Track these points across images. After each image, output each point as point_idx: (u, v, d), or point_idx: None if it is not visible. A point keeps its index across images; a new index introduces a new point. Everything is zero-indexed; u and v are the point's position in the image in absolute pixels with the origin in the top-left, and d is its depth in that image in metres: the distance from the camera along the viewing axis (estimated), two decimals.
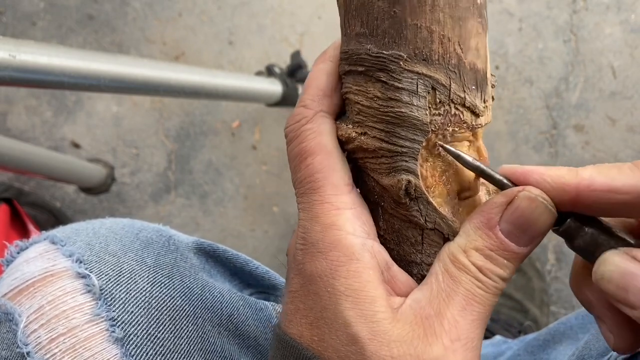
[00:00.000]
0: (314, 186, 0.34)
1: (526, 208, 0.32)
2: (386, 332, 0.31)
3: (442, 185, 0.35)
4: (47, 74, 0.61)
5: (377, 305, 0.32)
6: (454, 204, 0.36)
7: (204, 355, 0.47)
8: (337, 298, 0.32)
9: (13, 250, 0.48)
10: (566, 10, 1.32)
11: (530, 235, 0.33)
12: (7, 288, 0.45)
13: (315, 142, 0.35)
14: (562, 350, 0.65)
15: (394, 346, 0.31)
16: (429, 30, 0.32)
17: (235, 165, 1.37)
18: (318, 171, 0.34)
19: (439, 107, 0.34)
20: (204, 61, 1.39)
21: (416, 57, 0.33)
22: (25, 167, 1.05)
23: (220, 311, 0.50)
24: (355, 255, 0.33)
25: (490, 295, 0.33)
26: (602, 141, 1.30)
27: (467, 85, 0.34)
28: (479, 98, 0.34)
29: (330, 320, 0.32)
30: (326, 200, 0.33)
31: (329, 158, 0.34)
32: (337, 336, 0.32)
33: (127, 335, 0.44)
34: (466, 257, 0.33)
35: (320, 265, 0.33)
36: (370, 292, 0.32)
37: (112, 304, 0.44)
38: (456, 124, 0.34)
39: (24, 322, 0.42)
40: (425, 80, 0.33)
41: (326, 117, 0.36)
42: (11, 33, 1.40)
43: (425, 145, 0.34)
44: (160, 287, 0.47)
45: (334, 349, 0.32)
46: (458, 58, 0.33)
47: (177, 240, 0.53)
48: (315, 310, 0.33)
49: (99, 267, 0.46)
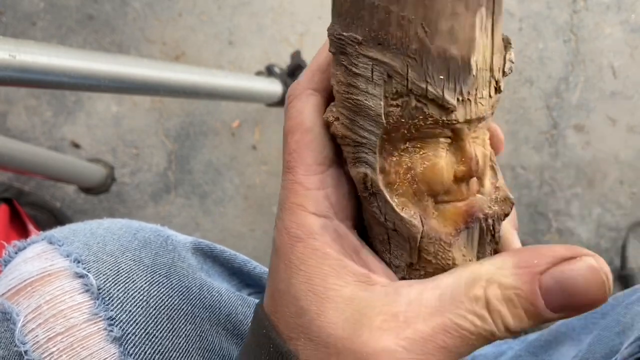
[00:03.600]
0: (289, 165, 0.34)
1: (582, 274, 0.29)
2: (335, 309, 0.30)
3: (407, 184, 0.32)
4: (47, 74, 0.61)
5: (330, 282, 0.31)
6: (425, 206, 0.32)
7: (203, 354, 0.47)
8: (291, 271, 0.32)
9: (11, 250, 0.48)
10: (566, 10, 1.32)
11: (569, 303, 0.29)
12: (5, 288, 0.45)
13: (295, 120, 0.34)
14: (564, 351, 0.65)
15: (340, 325, 0.30)
16: (387, 11, 0.28)
17: (235, 165, 1.37)
18: (294, 150, 0.34)
19: (397, 98, 0.30)
20: (204, 61, 1.39)
21: (372, 40, 0.29)
22: (25, 167, 1.05)
23: (219, 310, 0.50)
24: (314, 235, 0.32)
25: (475, 340, 0.30)
26: (602, 141, 1.30)
27: (430, 74, 0.29)
28: (452, 90, 0.29)
29: (283, 292, 0.32)
30: (297, 180, 0.33)
31: (305, 137, 0.34)
32: (287, 308, 0.32)
33: (125, 334, 0.44)
34: (484, 286, 0.30)
35: (283, 241, 0.33)
36: (324, 268, 0.31)
37: (110, 303, 0.44)
38: (419, 118, 0.30)
39: (21, 321, 0.42)
40: (381, 66, 0.30)
41: (312, 95, 0.35)
42: (11, 33, 1.40)
43: (387, 138, 0.31)
44: (158, 286, 0.47)
45: (284, 320, 0.32)
46: (420, 43, 0.28)
47: (174, 240, 0.53)
48: (275, 282, 0.33)
49: (96, 266, 0.46)
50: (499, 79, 0.31)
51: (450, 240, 0.32)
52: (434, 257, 0.33)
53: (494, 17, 0.29)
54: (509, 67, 0.31)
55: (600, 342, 0.55)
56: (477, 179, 0.33)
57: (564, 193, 1.31)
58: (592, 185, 1.30)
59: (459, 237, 0.32)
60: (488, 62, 0.30)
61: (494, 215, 0.33)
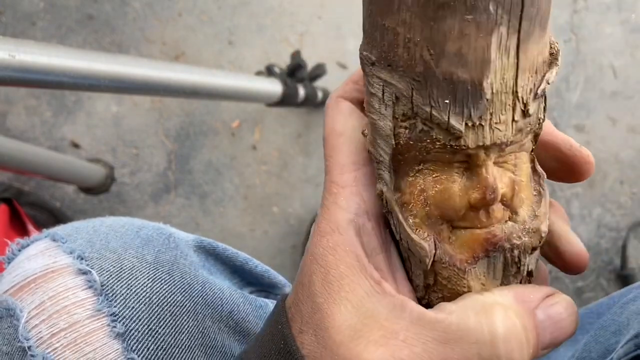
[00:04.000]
0: (327, 169, 0.35)
1: (564, 307, 0.31)
2: (344, 314, 0.31)
3: (421, 205, 0.31)
4: (47, 74, 0.61)
5: (344, 283, 0.31)
6: (440, 230, 0.32)
7: (205, 350, 0.47)
8: (313, 266, 0.32)
9: (14, 247, 0.49)
10: (567, 10, 1.32)
11: (554, 338, 0.31)
12: (9, 285, 0.45)
13: (328, 127, 0.35)
14: (561, 351, 0.65)
15: (343, 331, 0.30)
16: (395, 32, 0.27)
17: (235, 165, 1.37)
18: (329, 154, 0.35)
19: (405, 120, 0.29)
20: (203, 61, 1.39)
21: (383, 61, 0.29)
22: (25, 167, 1.05)
23: (221, 308, 0.50)
24: (339, 229, 0.32)
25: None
26: (602, 141, 1.30)
27: (435, 98, 0.28)
28: (458, 115, 0.28)
29: (304, 286, 0.33)
30: (332, 179, 0.34)
31: (337, 140, 0.35)
32: (305, 302, 0.32)
33: (128, 330, 0.44)
34: (503, 318, 0.30)
35: (313, 236, 0.34)
36: (340, 267, 0.32)
37: (113, 299, 0.44)
38: (427, 142, 0.29)
39: (25, 318, 0.42)
40: (390, 87, 0.29)
41: (342, 102, 0.36)
42: (11, 33, 1.40)
43: (402, 158, 0.31)
44: (161, 283, 0.47)
45: (301, 313, 0.32)
46: (425, 65, 0.27)
47: (177, 238, 0.53)
48: (301, 276, 0.34)
49: (99, 263, 0.46)
50: (527, 101, 0.29)
51: (464, 267, 0.31)
52: (448, 282, 0.32)
53: (520, 36, 0.27)
54: (543, 88, 0.29)
55: (596, 342, 0.55)
56: (505, 206, 0.31)
57: (564, 193, 1.31)
58: (593, 185, 1.30)
59: (476, 265, 0.32)
60: (510, 85, 0.28)
61: (521, 246, 0.32)
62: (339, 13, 1.36)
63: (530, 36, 0.27)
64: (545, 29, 0.28)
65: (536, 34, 0.28)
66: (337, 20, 1.36)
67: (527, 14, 0.27)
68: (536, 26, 0.27)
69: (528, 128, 0.30)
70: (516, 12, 0.26)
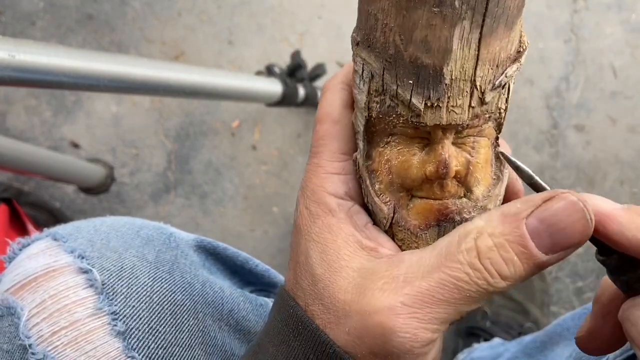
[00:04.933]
0: (316, 151, 0.37)
1: (562, 209, 0.31)
2: (346, 278, 0.33)
3: (385, 173, 0.35)
4: (47, 73, 0.61)
5: (342, 254, 0.34)
6: (400, 197, 0.35)
7: (205, 349, 0.47)
8: (309, 244, 0.35)
9: (15, 247, 0.49)
10: (567, 10, 1.32)
11: (557, 241, 0.31)
12: (10, 283, 0.45)
13: (325, 110, 0.38)
14: (559, 351, 0.66)
15: (349, 291, 0.33)
16: (375, 18, 0.31)
17: (235, 165, 1.36)
18: (321, 137, 0.37)
19: (377, 95, 0.34)
20: (203, 61, 1.39)
21: (365, 42, 0.33)
22: (24, 167, 1.05)
23: (221, 306, 0.50)
24: (331, 212, 0.36)
25: (474, 292, 0.31)
26: (602, 141, 1.30)
27: (401, 78, 0.32)
28: (419, 94, 0.31)
29: (302, 264, 0.36)
30: (321, 164, 0.37)
31: (333, 127, 0.37)
32: (305, 277, 0.35)
33: (128, 329, 0.44)
34: (474, 237, 0.31)
35: (304, 217, 0.36)
36: (337, 241, 0.35)
37: (113, 298, 0.45)
38: (393, 116, 0.33)
39: (25, 316, 0.43)
40: (368, 66, 0.33)
41: (344, 90, 0.38)
42: (11, 33, 1.40)
43: (375, 130, 0.35)
44: (161, 282, 0.48)
45: (303, 288, 0.35)
46: (396, 49, 0.31)
47: (177, 237, 0.54)
48: (296, 256, 0.37)
49: (100, 262, 0.46)
50: (485, 90, 0.32)
51: (417, 232, 0.35)
52: (402, 244, 0.36)
53: (482, 31, 0.30)
54: (501, 80, 0.32)
55: None
56: (460, 183, 0.35)
57: None
58: (593, 185, 1.30)
59: (427, 231, 0.35)
60: (469, 74, 0.31)
61: (470, 220, 0.34)
62: (339, 13, 1.36)
63: (493, 32, 0.30)
64: (512, 28, 0.31)
65: (500, 31, 0.31)
66: (337, 20, 1.36)
67: (491, 12, 0.30)
68: (500, 24, 0.31)
69: (487, 115, 0.34)
70: (480, 10, 0.29)
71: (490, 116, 0.34)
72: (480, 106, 0.33)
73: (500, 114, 0.35)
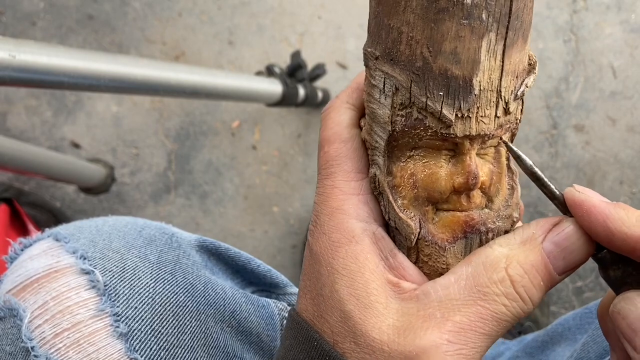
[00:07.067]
0: (328, 172, 0.36)
1: (573, 233, 0.32)
2: (378, 316, 0.32)
3: (409, 188, 0.35)
4: (47, 74, 0.61)
5: (371, 288, 0.33)
6: (425, 211, 0.35)
7: (207, 350, 0.47)
8: (334, 277, 0.33)
9: (17, 247, 0.48)
10: (566, 10, 1.33)
11: (569, 262, 0.33)
12: (11, 285, 0.45)
13: (333, 131, 0.36)
14: (560, 351, 0.66)
15: (385, 331, 0.32)
16: (399, 31, 0.31)
17: (235, 165, 1.37)
18: (332, 159, 0.36)
19: (402, 109, 0.33)
20: (203, 61, 1.39)
21: (386, 56, 0.33)
22: (25, 167, 1.05)
23: (223, 308, 0.50)
24: (355, 238, 0.34)
25: (510, 319, 0.32)
26: (602, 141, 1.30)
27: (430, 90, 0.32)
28: (450, 105, 0.32)
29: (327, 298, 0.33)
30: (336, 185, 0.35)
31: (344, 146, 0.36)
32: (332, 313, 0.33)
33: (131, 330, 0.44)
34: (504, 267, 0.32)
35: (323, 245, 0.34)
36: (365, 274, 0.33)
37: (116, 299, 0.44)
38: (420, 129, 0.33)
39: (28, 318, 0.42)
40: (391, 79, 0.33)
41: (349, 109, 0.37)
42: (11, 33, 1.40)
43: (396, 145, 0.35)
44: (164, 283, 0.47)
45: (329, 324, 0.33)
46: (424, 61, 0.31)
47: (179, 237, 0.53)
48: (317, 287, 0.34)
49: (102, 263, 0.46)
50: (509, 100, 0.33)
51: (445, 245, 0.35)
52: (429, 259, 0.35)
53: (506, 42, 0.31)
54: (522, 90, 0.34)
55: (594, 342, 0.55)
56: (484, 194, 0.35)
57: None
58: (592, 185, 1.30)
59: (455, 244, 0.35)
60: (495, 84, 0.32)
61: (495, 230, 0.35)
62: (339, 13, 1.36)
63: (514, 44, 0.32)
64: (526, 42, 0.33)
65: (519, 44, 0.32)
66: (337, 20, 1.36)
67: (513, 25, 0.31)
68: (519, 37, 0.32)
69: (507, 125, 0.34)
70: (504, 22, 0.31)
71: (509, 126, 0.35)
72: (505, 116, 0.34)
73: (516, 124, 0.35)
